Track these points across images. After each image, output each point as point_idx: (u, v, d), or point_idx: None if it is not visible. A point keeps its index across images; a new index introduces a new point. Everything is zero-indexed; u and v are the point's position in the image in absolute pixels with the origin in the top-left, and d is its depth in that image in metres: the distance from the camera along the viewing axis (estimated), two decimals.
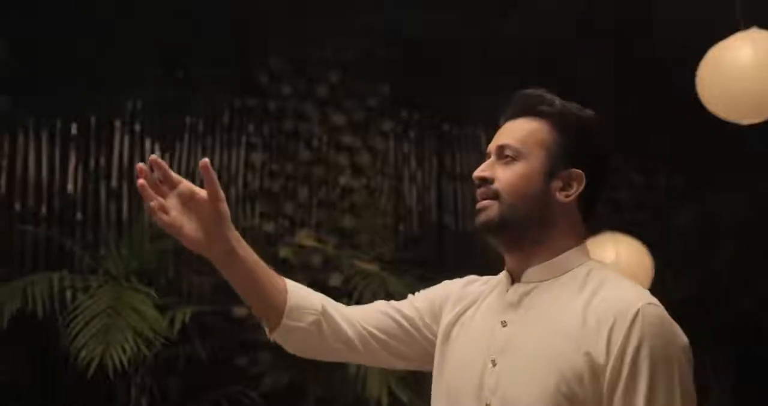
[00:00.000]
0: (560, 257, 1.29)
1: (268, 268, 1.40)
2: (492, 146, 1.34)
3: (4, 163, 3.89)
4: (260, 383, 3.89)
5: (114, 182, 4.08)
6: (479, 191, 1.32)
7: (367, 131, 4.58)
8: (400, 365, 1.51)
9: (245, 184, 4.33)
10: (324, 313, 1.41)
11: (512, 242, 1.31)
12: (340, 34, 4.52)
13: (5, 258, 3.78)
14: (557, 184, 1.29)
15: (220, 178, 4.56)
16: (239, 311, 3.98)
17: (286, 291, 1.39)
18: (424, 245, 4.46)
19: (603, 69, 4.52)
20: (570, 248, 1.30)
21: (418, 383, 3.56)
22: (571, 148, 1.30)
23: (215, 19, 4.21)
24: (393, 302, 1.49)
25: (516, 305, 1.30)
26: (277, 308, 1.38)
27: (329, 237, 4.35)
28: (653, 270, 4.26)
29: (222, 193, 1.30)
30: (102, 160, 4.06)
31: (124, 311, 3.24)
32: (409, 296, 1.52)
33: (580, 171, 1.29)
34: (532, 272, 1.30)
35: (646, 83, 4.60)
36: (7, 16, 3.85)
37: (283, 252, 4.20)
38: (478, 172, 1.32)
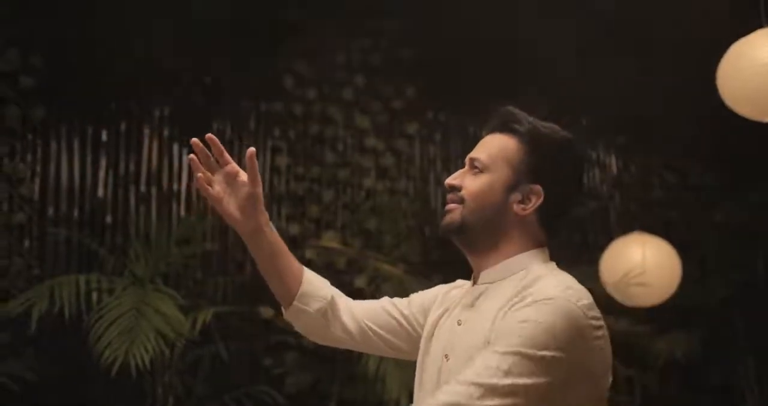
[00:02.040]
0: (510, 259, 1.42)
1: (291, 255, 1.60)
2: (467, 158, 1.49)
3: (38, 169, 4.01)
4: (284, 383, 3.94)
5: (143, 187, 4.17)
6: (448, 197, 1.47)
7: (392, 134, 4.61)
8: (398, 356, 1.70)
9: (271, 187, 4.39)
10: (331, 303, 1.61)
11: (470, 244, 1.45)
12: (365, 36, 4.56)
13: (38, 260, 3.90)
14: (516, 197, 1.41)
15: None
16: (266, 312, 4.04)
17: (302, 278, 1.60)
18: (448, 247, 4.46)
19: (627, 70, 4.47)
20: (519, 253, 1.41)
21: None
22: (534, 165, 1.41)
23: (241, 24, 4.29)
24: (395, 300, 1.66)
25: (470, 305, 1.45)
26: (290, 291, 1.58)
27: (354, 239, 4.39)
28: (682, 271, 4.21)
29: (260, 179, 1.52)
30: (131, 166, 4.16)
31: (147, 312, 3.31)
32: (411, 295, 1.68)
33: (539, 187, 1.41)
34: (485, 274, 1.44)
35: (674, 81, 4.54)
36: (39, 25, 3.98)
37: (308, 254, 4.25)
38: (449, 180, 1.48)
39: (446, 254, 4.43)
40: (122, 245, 3.97)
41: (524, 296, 1.32)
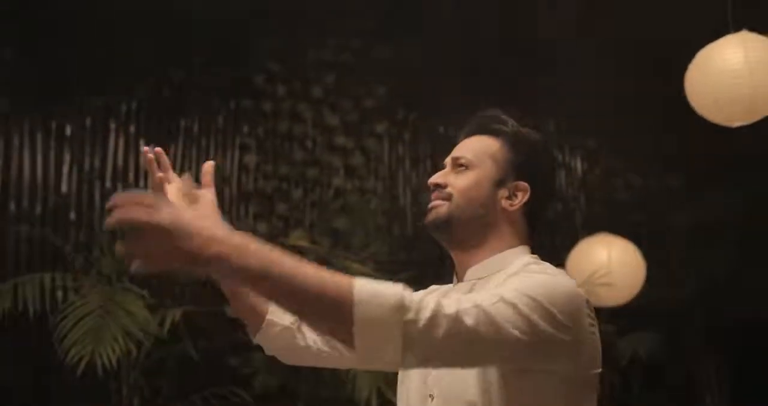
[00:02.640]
0: (497, 256, 1.40)
1: None
2: (447, 159, 1.47)
3: None
4: (252, 383, 3.91)
5: (108, 183, 4.10)
6: (433, 195, 1.44)
7: (362, 133, 4.60)
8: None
9: (239, 185, 4.35)
10: None
11: (457, 240, 1.42)
12: (336, 35, 4.54)
13: (1, 258, 3.81)
14: (504, 193, 1.41)
15: (214, 179, 4.58)
16: (231, 312, 4.01)
17: None
18: (418, 246, 4.47)
19: (593, 72, 4.53)
20: (507, 249, 1.41)
21: None
22: (519, 164, 1.42)
23: (211, 20, 4.23)
24: None
25: None
26: (259, 307, 1.48)
27: (322, 238, 4.37)
28: (645, 272, 4.28)
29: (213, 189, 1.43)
30: (96, 162, 4.08)
31: (115, 311, 3.26)
32: None
33: (526, 183, 1.41)
34: (472, 271, 1.41)
35: (642, 85, 4.60)
36: (6, 19, 3.88)
37: None
38: (433, 179, 1.45)
39: (414, 253, 4.44)
40: (87, 243, 3.89)
41: (522, 272, 1.31)
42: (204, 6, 4.18)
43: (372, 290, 1.08)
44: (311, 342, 1.50)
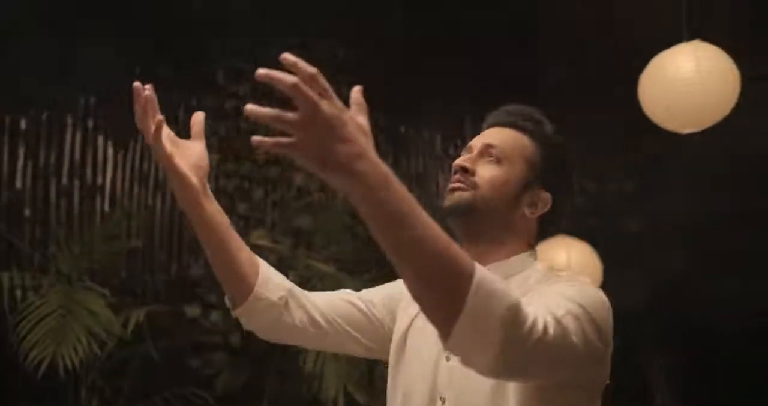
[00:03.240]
0: (513, 259, 1.35)
1: (240, 240, 1.41)
2: (477, 142, 1.39)
3: None
4: (214, 384, 3.85)
5: (65, 179, 3.98)
6: (456, 178, 1.35)
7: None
8: (359, 353, 1.54)
9: None
10: (291, 292, 1.44)
11: (474, 231, 1.35)
12: (300, 34, 4.50)
13: None
14: (527, 199, 1.36)
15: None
16: (192, 311, 3.94)
17: (257, 265, 1.42)
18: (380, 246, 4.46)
19: (561, 75, 4.60)
20: (522, 252, 1.36)
21: (374, 383, 3.57)
22: (548, 173, 1.37)
23: (173, 16, 4.15)
24: (354, 293, 1.53)
25: None
26: (247, 279, 1.39)
27: (284, 237, 4.32)
28: (602, 274, 4.36)
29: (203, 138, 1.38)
30: (53, 157, 3.96)
31: (76, 310, 3.17)
32: (365, 290, 1.55)
33: (549, 195, 1.37)
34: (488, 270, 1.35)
35: (595, 91, 4.69)
36: None
37: None
38: (461, 162, 1.36)
39: (378, 252, 4.43)
40: (43, 240, 3.77)
41: (554, 279, 1.29)
42: (166, 1, 4.10)
43: (492, 283, 1.00)
44: (297, 321, 1.43)
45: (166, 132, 1.35)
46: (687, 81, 3.31)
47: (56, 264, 3.47)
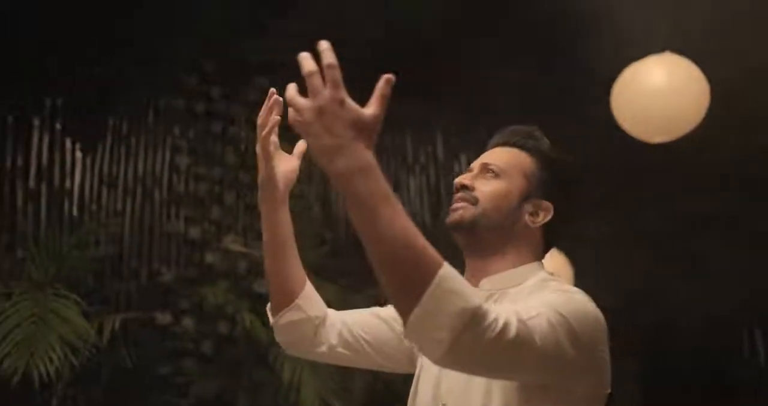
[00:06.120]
0: (517, 269, 1.40)
1: (297, 256, 1.53)
2: (476, 163, 1.48)
3: None
4: (187, 392, 3.78)
5: (32, 183, 3.88)
6: (458, 196, 1.43)
7: (297, 136, 4.52)
8: (387, 367, 1.61)
9: (170, 188, 4.21)
10: (327, 315, 1.55)
11: (477, 245, 1.41)
12: (272, 36, 4.46)
13: None
14: (528, 208, 1.42)
15: (144, 181, 4.42)
16: (163, 318, 3.87)
17: (305, 282, 1.53)
18: (351, 253, 4.45)
19: (525, 84, 4.64)
20: (526, 263, 1.41)
21: (350, 393, 3.55)
22: (546, 183, 1.44)
23: (142, 17, 4.08)
24: (381, 309, 1.59)
25: None
26: (292, 291, 1.51)
27: (256, 242, 4.28)
28: (574, 280, 4.42)
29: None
30: (19, 160, 3.86)
31: (50, 319, 3.09)
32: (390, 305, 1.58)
33: (550, 204, 1.42)
34: (489, 281, 1.40)
35: (564, 97, 4.75)
36: None
37: (209, 258, 4.10)
38: (460, 180, 1.44)
39: (349, 261, 4.42)
40: (10, 246, 3.67)
41: (542, 287, 1.33)
42: (138, 1, 4.03)
43: (456, 282, 1.06)
44: (330, 342, 1.53)
45: (273, 138, 1.51)
46: (658, 92, 3.40)
47: (27, 270, 3.38)
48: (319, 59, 1.05)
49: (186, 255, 4.12)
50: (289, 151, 1.57)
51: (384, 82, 1.08)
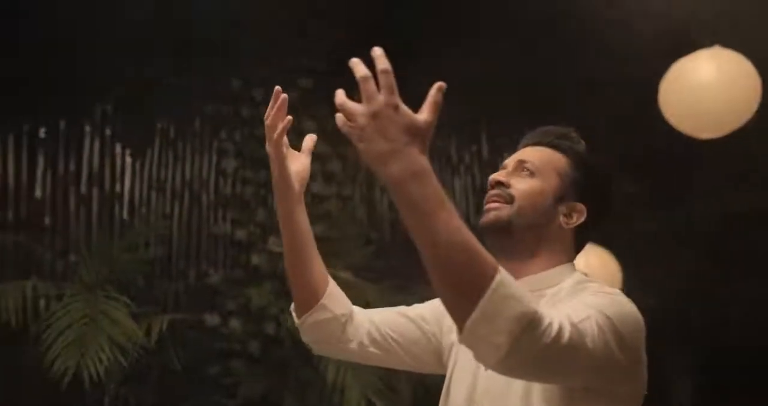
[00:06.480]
0: (550, 271, 1.38)
1: (318, 254, 1.52)
2: (510, 161, 1.45)
3: None
4: (235, 392, 3.84)
5: (83, 188, 3.99)
6: (493, 193, 1.41)
7: (339, 138, 4.55)
8: (414, 367, 1.59)
9: (217, 191, 4.28)
10: (352, 312, 1.53)
11: (511, 246, 1.39)
12: (313, 40, 4.50)
13: None
14: (562, 209, 1.40)
15: (191, 184, 4.49)
16: (211, 320, 3.94)
17: (328, 281, 1.52)
18: (395, 254, 4.46)
19: (569, 79, 4.60)
20: (559, 264, 1.40)
21: (395, 393, 3.56)
22: (581, 185, 1.42)
23: (187, 24, 4.16)
24: (408, 307, 1.57)
25: None
26: (316, 290, 1.49)
27: None
28: (622, 280, 4.36)
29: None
30: (71, 166, 3.97)
31: (100, 320, 3.17)
32: (416, 305, 1.59)
33: (584, 206, 1.41)
34: (523, 283, 1.36)
35: (612, 92, 4.68)
36: None
37: (255, 259, 4.16)
38: (496, 176, 1.42)
39: (394, 261, 4.43)
40: (63, 249, 3.78)
41: (582, 289, 1.31)
42: (182, 9, 4.10)
43: (513, 287, 1.05)
44: (357, 340, 1.51)
45: (284, 138, 1.48)
46: (707, 86, 3.32)
47: (78, 273, 3.47)
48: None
49: (232, 257, 4.18)
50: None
51: (436, 89, 1.08)
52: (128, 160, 4.12)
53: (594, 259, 4.32)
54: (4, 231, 3.76)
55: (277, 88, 1.47)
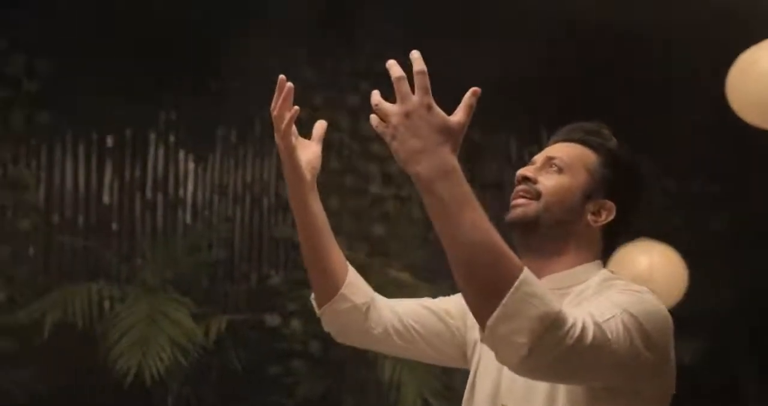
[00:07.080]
0: (576, 269, 1.35)
1: (335, 243, 1.50)
2: (539, 156, 1.43)
3: (42, 175, 3.96)
4: (294, 392, 3.91)
5: (149, 193, 4.13)
6: (520, 188, 1.38)
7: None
8: (437, 360, 1.59)
9: (277, 194, 4.36)
10: (374, 300, 1.51)
11: (537, 243, 1.36)
12: (369, 42, 4.54)
13: (45, 268, 3.85)
14: (590, 207, 1.37)
15: (252, 188, 4.58)
16: (272, 320, 4.01)
17: (347, 269, 1.51)
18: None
19: (636, 75, 4.50)
20: (585, 262, 1.36)
21: (452, 392, 3.56)
22: (610, 182, 1.38)
23: (246, 30, 4.25)
24: (432, 300, 1.56)
25: None
26: (335, 280, 1.48)
27: (360, 246, 4.36)
28: (688, 279, 4.23)
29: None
30: (137, 172, 4.12)
31: (161, 320, 3.27)
32: (440, 298, 1.57)
33: (612, 203, 1.37)
34: (547, 280, 1.34)
35: (679, 88, 4.57)
36: (45, 30, 3.92)
37: None
38: (524, 171, 1.39)
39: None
40: (129, 252, 3.92)
41: (609, 287, 1.29)
42: (242, 16, 4.19)
43: (536, 286, 1.05)
44: (378, 328, 1.49)
45: (292, 128, 1.47)
46: None
47: (142, 275, 3.60)
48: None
49: (293, 259, 4.25)
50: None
51: (471, 93, 1.10)
52: (191, 165, 4.24)
53: (658, 258, 4.22)
54: (74, 236, 3.92)
55: (282, 77, 1.44)
